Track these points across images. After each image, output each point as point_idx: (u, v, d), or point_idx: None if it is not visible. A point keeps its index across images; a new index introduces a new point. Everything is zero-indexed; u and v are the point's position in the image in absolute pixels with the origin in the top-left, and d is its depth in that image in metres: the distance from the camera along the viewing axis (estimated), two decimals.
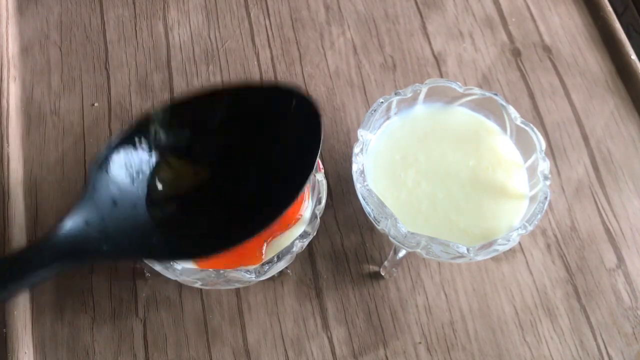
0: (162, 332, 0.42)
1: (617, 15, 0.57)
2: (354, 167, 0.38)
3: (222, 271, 0.34)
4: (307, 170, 0.30)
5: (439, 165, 0.40)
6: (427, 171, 0.40)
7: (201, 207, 0.33)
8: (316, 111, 0.30)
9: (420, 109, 0.43)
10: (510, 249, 0.44)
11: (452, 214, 0.39)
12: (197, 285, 0.36)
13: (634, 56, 0.54)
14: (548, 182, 0.38)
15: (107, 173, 0.29)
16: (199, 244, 0.31)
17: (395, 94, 0.41)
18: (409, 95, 0.41)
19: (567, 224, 0.47)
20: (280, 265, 0.36)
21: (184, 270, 0.34)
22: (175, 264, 0.34)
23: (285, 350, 0.42)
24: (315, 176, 0.38)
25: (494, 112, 0.42)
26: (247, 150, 0.32)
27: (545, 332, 0.44)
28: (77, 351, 0.41)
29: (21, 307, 0.42)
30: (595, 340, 0.44)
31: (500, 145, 0.42)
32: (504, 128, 0.42)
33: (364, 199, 0.38)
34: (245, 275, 0.34)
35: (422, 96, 0.42)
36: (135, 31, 0.53)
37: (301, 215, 0.38)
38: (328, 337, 0.43)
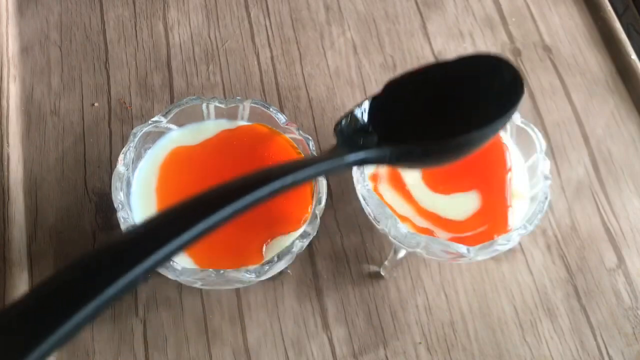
0: (162, 332, 0.42)
1: (617, 15, 0.57)
2: (354, 167, 0.38)
3: (222, 271, 0.34)
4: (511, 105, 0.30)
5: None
6: (427, 170, 0.40)
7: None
8: (515, 70, 0.31)
9: None
10: (510, 249, 0.44)
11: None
12: (197, 285, 0.36)
13: (634, 56, 0.54)
14: (548, 182, 0.38)
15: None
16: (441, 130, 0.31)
17: None
18: None
19: (567, 224, 0.47)
20: (280, 265, 0.36)
21: (184, 270, 0.34)
22: (175, 263, 0.34)
23: (285, 350, 0.42)
24: None
25: None
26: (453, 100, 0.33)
27: (545, 332, 0.44)
28: (77, 351, 0.41)
29: None
30: (595, 340, 0.44)
31: None
32: (504, 128, 0.42)
33: (364, 199, 0.38)
34: (245, 275, 0.34)
35: None
36: (135, 31, 0.53)
37: (309, 215, 0.38)
38: (328, 337, 0.42)
